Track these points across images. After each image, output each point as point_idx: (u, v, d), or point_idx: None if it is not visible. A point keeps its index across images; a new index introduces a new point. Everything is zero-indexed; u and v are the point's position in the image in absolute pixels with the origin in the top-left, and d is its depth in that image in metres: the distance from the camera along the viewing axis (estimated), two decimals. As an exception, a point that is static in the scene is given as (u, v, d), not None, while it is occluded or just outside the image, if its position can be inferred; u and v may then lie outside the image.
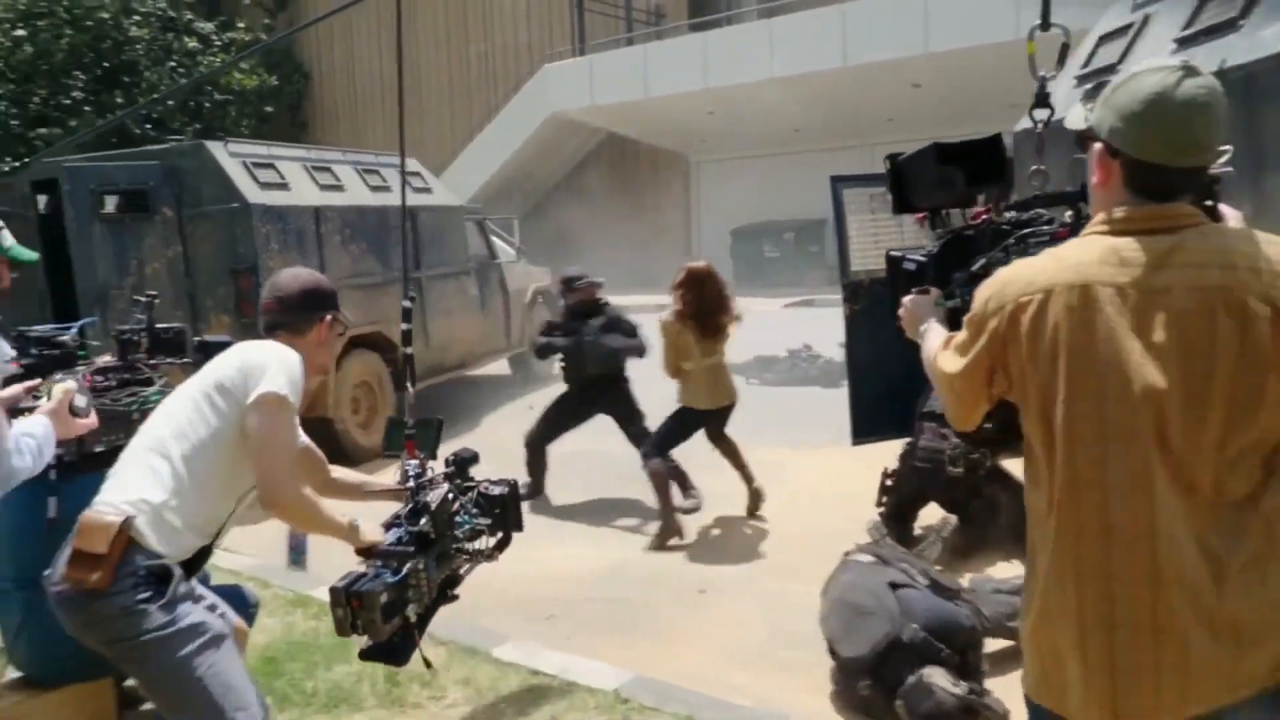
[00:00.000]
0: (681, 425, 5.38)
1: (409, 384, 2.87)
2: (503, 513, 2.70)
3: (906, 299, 2.01)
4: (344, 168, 7.46)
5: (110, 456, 2.73)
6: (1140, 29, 3.28)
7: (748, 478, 5.45)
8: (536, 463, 5.95)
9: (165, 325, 3.01)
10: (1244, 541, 1.39)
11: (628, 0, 20.83)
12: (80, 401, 2.29)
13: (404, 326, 2.82)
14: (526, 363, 9.88)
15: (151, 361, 2.92)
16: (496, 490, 2.72)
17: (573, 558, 4.87)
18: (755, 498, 5.44)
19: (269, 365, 2.18)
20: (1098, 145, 1.50)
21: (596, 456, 6.54)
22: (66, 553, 2.05)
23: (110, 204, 6.16)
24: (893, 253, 2.20)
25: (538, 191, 22.33)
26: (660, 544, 5.05)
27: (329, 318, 2.45)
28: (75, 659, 2.65)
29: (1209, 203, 1.56)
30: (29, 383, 2.41)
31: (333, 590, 2.20)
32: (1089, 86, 3.55)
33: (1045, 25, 2.35)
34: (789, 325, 11.38)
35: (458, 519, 2.56)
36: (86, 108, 20.29)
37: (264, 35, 25.01)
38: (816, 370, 9.27)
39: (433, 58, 23.56)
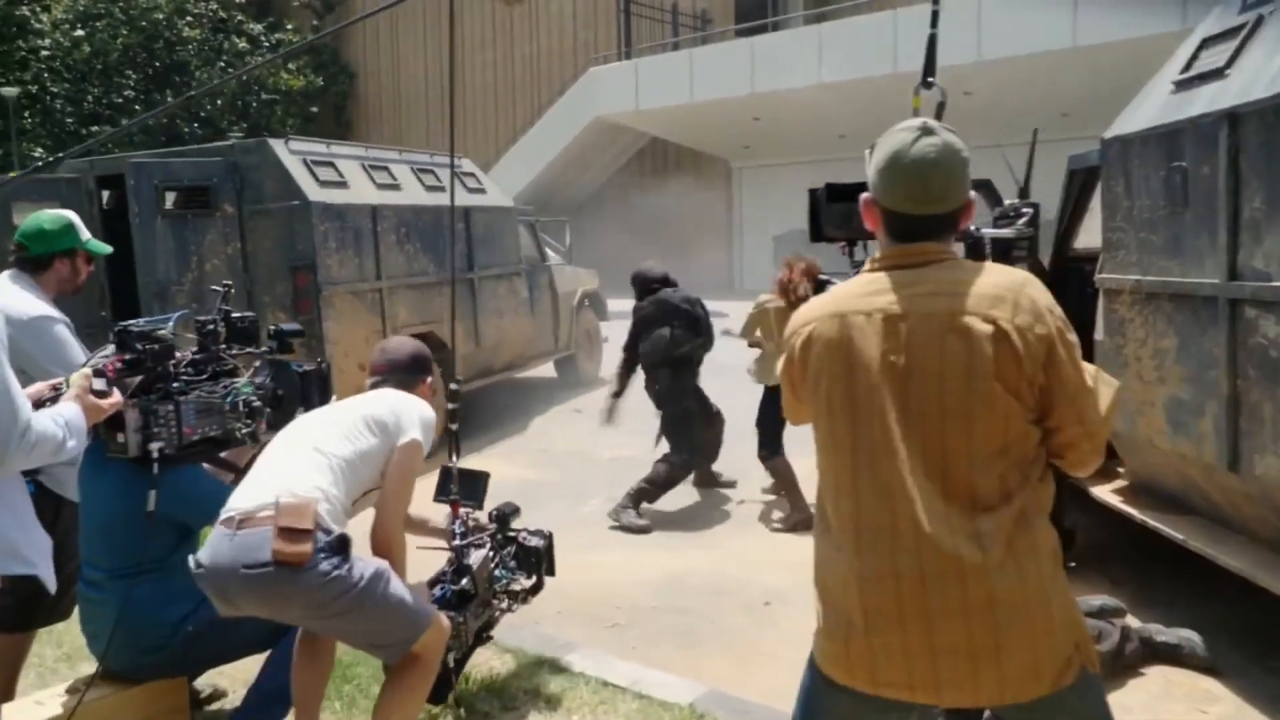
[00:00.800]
0: (774, 404, 5.34)
1: (453, 455, 3.27)
2: (538, 562, 3.11)
3: None
4: (400, 167, 7.46)
5: (203, 447, 2.71)
6: (1252, 31, 3.14)
7: None
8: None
9: (240, 314, 2.99)
10: (1001, 541, 1.54)
11: (674, 4, 20.77)
12: (99, 384, 2.39)
13: (450, 406, 3.32)
14: (574, 366, 9.83)
15: (232, 351, 2.90)
16: (534, 542, 3.16)
17: (632, 565, 4.80)
18: None
19: (418, 416, 2.64)
20: (865, 195, 1.72)
21: (645, 464, 6.48)
22: (251, 537, 2.27)
23: (173, 200, 6.18)
24: (820, 276, 2.30)
25: (580, 194, 22.35)
26: (791, 527, 5.30)
27: (429, 379, 2.93)
28: (160, 653, 2.63)
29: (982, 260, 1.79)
30: (51, 380, 2.50)
31: None
32: (1188, 92, 3.42)
33: (928, 84, 2.65)
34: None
35: (496, 574, 2.99)
36: (138, 106, 20.65)
37: (311, 36, 25.34)
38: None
39: (478, 59, 23.68)
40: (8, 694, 2.95)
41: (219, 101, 21.45)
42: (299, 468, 2.44)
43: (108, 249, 3.35)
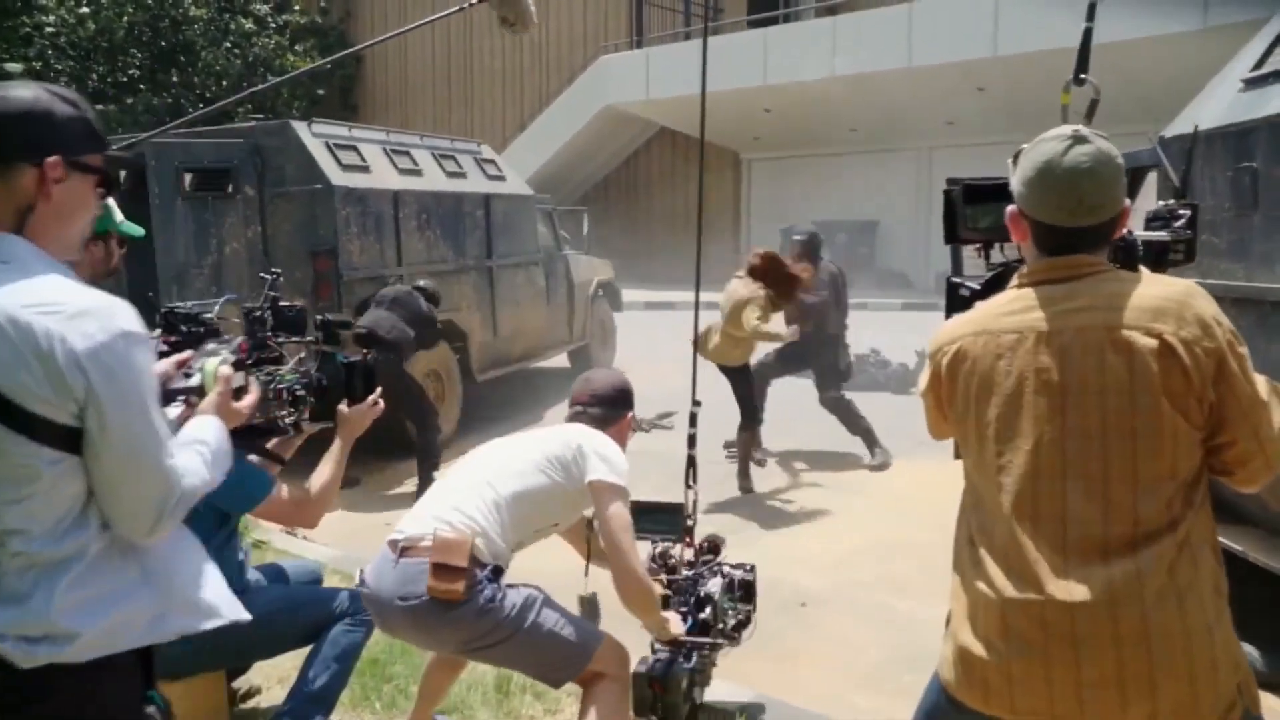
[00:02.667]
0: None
1: (688, 483, 3.17)
2: (748, 595, 3.04)
3: None
4: (421, 152, 7.36)
5: (248, 435, 2.61)
6: (1331, 28, 3.05)
7: None
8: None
9: (289, 303, 2.90)
10: (1162, 569, 1.46)
11: (686, -6, 20.62)
12: (239, 380, 2.08)
13: (690, 431, 3.17)
14: (587, 357, 9.75)
15: (279, 339, 2.80)
16: (746, 576, 3.08)
17: (662, 563, 4.72)
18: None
19: (598, 453, 2.55)
20: (1011, 207, 1.67)
21: (659, 457, 6.41)
22: (410, 568, 2.32)
23: (193, 182, 6.07)
24: (952, 279, 2.26)
25: (587, 183, 22.22)
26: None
27: (630, 414, 2.84)
28: (197, 644, 2.53)
29: (1137, 267, 1.72)
30: (179, 356, 2.14)
31: (635, 675, 2.60)
32: (1261, 90, 3.33)
33: (1080, 80, 2.50)
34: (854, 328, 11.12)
35: (725, 605, 2.89)
36: (142, 86, 20.46)
37: (318, 18, 25.11)
38: (885, 376, 9.02)
39: (485, 45, 23.49)
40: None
41: (225, 83, 21.24)
42: (465, 500, 2.46)
43: (141, 231, 3.25)
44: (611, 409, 2.77)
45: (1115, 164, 1.59)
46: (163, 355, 2.40)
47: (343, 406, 2.67)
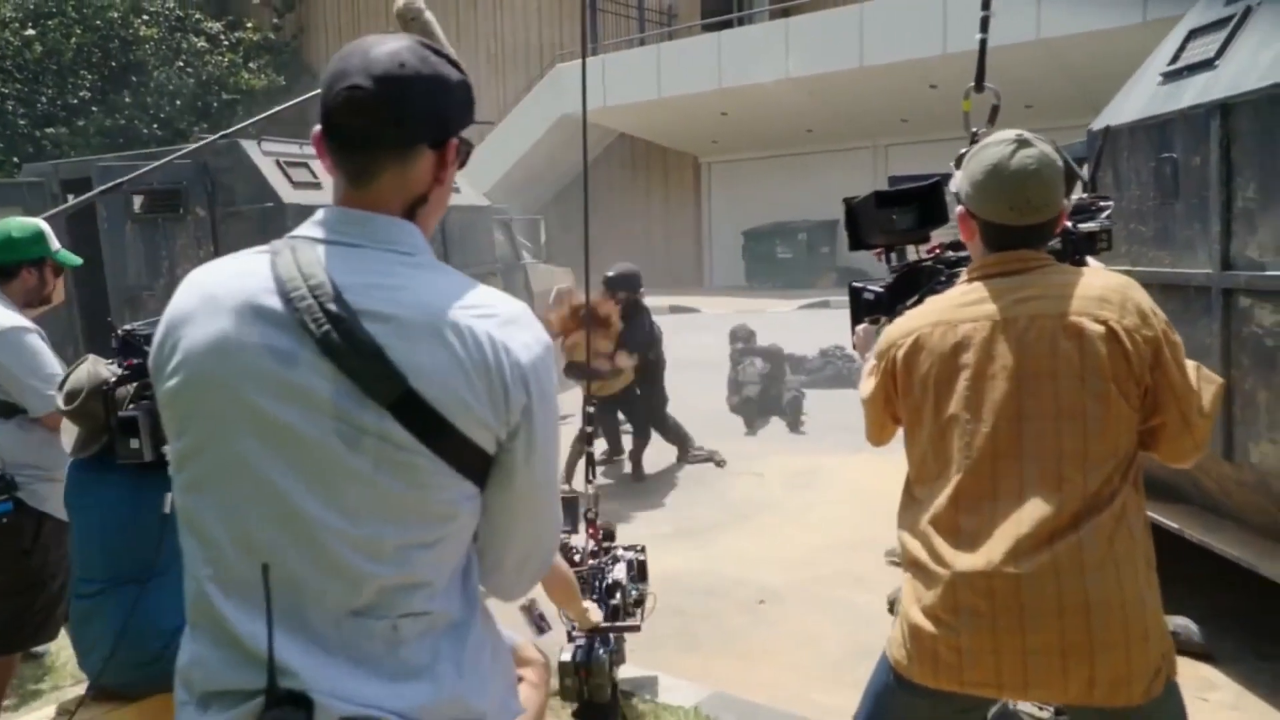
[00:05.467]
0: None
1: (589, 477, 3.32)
2: (642, 575, 3.16)
3: (859, 327, 2.38)
4: (374, 167, 7.34)
5: None
6: (1240, 22, 3.16)
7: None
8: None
9: None
10: (1102, 540, 1.56)
11: (640, 0, 20.71)
12: None
13: (588, 429, 3.11)
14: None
15: None
16: (639, 557, 3.18)
17: (624, 566, 4.75)
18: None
19: None
20: (960, 208, 1.76)
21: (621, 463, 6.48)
22: None
23: (142, 204, 6.03)
24: (854, 284, 2.40)
25: (548, 193, 22.22)
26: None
27: None
28: (155, 666, 2.53)
29: (1076, 257, 1.89)
30: None
31: (562, 664, 2.76)
32: (1177, 83, 3.44)
33: (980, 87, 2.69)
34: (809, 327, 11.25)
35: (629, 588, 3.02)
36: (94, 108, 20.19)
37: (271, 34, 24.92)
38: (850, 370, 9.13)
39: (442, 58, 23.41)
40: (-7, 719, 2.85)
41: (178, 102, 21.02)
42: None
43: (78, 261, 3.25)
44: None
45: (1057, 166, 1.69)
46: (123, 379, 2.41)
47: None
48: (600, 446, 6.61)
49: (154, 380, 1.18)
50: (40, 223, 3.07)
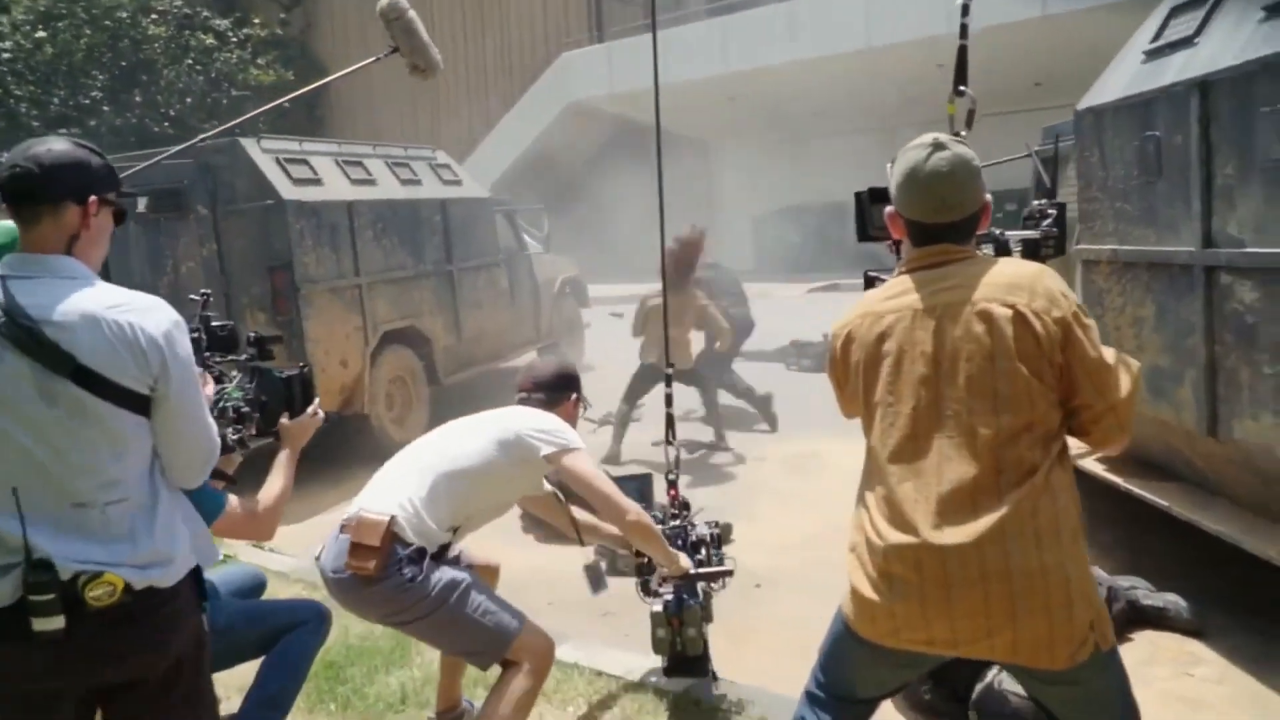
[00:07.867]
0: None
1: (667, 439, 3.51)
2: (720, 546, 3.19)
3: None
4: (375, 161, 7.39)
5: None
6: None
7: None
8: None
9: (220, 322, 2.96)
10: (1024, 511, 1.65)
11: (645, -14, 20.61)
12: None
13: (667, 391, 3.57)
14: (556, 353, 9.81)
15: (215, 359, 2.86)
16: (718, 531, 3.23)
17: (622, 553, 4.80)
18: None
19: (536, 428, 2.69)
20: (889, 208, 1.92)
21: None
22: (342, 544, 2.53)
23: (144, 203, 6.10)
24: (869, 272, 2.48)
25: (557, 181, 22.23)
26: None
27: (575, 396, 2.99)
28: None
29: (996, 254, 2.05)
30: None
31: (654, 614, 2.87)
32: (1159, 61, 3.43)
33: (960, 92, 2.80)
34: (819, 310, 11.22)
35: (713, 552, 3.10)
36: (105, 107, 20.34)
37: (279, 30, 24.99)
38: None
39: (449, 50, 23.39)
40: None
41: (188, 100, 21.15)
42: (392, 483, 2.64)
43: None
44: (554, 393, 2.92)
45: (970, 167, 1.80)
46: None
47: (284, 419, 2.74)
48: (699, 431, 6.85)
49: None
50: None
